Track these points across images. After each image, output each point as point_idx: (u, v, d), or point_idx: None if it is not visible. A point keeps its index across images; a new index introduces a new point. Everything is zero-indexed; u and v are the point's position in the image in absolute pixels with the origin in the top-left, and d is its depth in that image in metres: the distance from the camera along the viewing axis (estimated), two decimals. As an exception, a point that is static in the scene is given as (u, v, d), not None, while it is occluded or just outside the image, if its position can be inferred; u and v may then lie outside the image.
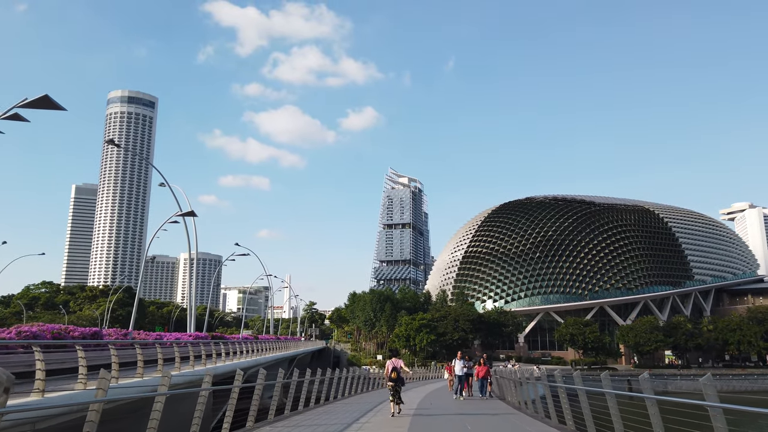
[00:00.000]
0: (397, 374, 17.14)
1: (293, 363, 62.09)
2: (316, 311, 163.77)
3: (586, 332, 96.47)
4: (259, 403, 14.66)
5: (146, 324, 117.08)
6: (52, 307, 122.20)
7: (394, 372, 17.15)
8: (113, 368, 13.73)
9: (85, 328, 19.86)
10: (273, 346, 45.34)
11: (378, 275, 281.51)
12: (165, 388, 10.79)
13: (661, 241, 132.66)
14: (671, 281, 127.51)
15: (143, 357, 15.83)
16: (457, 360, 25.42)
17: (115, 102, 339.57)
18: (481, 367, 25.19)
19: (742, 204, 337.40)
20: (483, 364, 25.33)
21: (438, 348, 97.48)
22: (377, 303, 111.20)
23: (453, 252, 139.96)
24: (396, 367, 17.37)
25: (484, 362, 25.57)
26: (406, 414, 17.54)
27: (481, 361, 25.52)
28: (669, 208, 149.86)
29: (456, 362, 25.39)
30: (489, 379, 25.98)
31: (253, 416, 13.59)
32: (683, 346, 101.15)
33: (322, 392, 23.52)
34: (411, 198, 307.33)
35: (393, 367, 17.35)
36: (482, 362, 25.40)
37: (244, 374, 14.46)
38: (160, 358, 17.08)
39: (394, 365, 17.44)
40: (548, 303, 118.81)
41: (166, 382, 10.92)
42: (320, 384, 22.77)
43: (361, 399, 26.05)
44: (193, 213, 29.45)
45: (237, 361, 28.60)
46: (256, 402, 13.22)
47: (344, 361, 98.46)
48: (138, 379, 15.13)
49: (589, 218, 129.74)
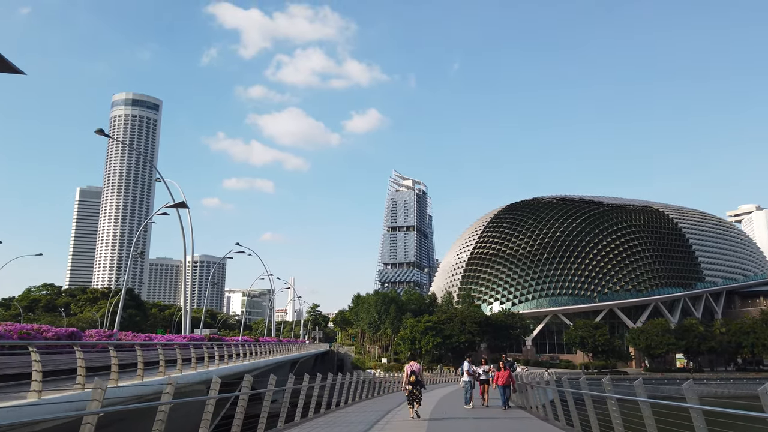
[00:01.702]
0: (416, 378, 17.38)
1: (295, 367, 60.25)
2: (319, 313, 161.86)
3: (596, 335, 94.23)
4: (247, 412, 12.77)
5: (148, 326, 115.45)
6: (52, 309, 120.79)
7: (413, 375, 17.39)
8: (79, 373, 11.90)
9: (61, 329, 18.02)
10: (273, 348, 43.47)
11: (382, 278, 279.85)
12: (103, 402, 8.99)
13: (670, 242, 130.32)
14: (682, 283, 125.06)
15: (118, 361, 13.95)
16: (469, 364, 22.53)
17: (119, 105, 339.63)
18: (502, 372, 21.46)
19: (749, 206, 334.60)
20: (503, 368, 21.49)
21: (444, 351, 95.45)
22: (382, 305, 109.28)
23: (459, 253, 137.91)
24: (415, 370, 17.59)
25: (505, 366, 21.60)
26: (421, 419, 17.74)
27: (501, 365, 21.59)
28: (678, 208, 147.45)
29: (465, 366, 22.44)
30: (512, 386, 22.44)
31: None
32: (695, 350, 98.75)
33: (323, 398, 21.62)
34: (415, 200, 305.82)
35: (412, 370, 17.59)
36: (502, 366, 21.51)
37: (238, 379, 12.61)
38: (140, 362, 15.20)
39: (413, 369, 17.65)
40: (556, 305, 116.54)
41: (129, 393, 9.13)
42: (320, 389, 20.81)
43: (367, 407, 24.07)
44: (185, 204, 27.76)
45: (232, 365, 26.68)
46: (240, 415, 11.32)
47: (348, 365, 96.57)
48: (112, 387, 13.28)
49: (597, 219, 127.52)
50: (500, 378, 21.50)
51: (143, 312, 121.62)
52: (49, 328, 17.57)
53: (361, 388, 27.53)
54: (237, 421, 12.33)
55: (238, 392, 13.58)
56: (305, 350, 65.98)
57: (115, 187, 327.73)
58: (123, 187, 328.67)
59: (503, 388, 21.69)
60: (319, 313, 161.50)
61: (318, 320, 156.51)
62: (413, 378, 17.24)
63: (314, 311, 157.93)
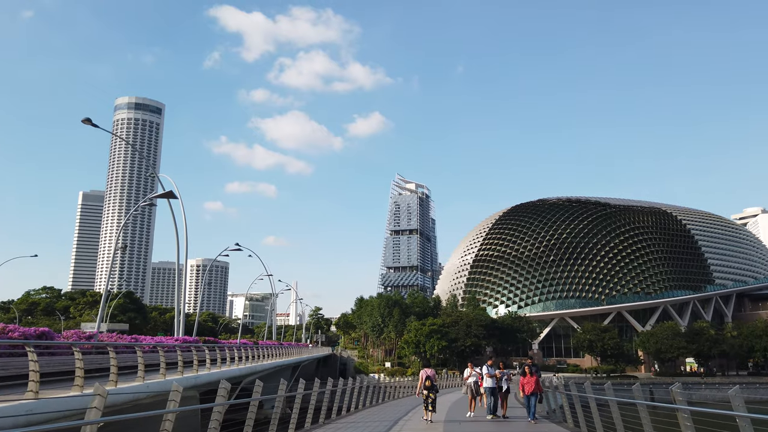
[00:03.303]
0: (431, 383, 18.50)
1: (297, 371, 58.39)
2: (321, 317, 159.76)
3: (605, 338, 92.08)
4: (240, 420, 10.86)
5: (148, 330, 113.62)
6: (52, 312, 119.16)
7: (428, 380, 18.52)
8: (32, 379, 10.08)
9: (30, 329, 16.26)
10: (272, 352, 41.61)
11: (385, 282, 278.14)
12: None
13: (679, 244, 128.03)
14: (691, 285, 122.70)
15: (83, 365, 12.10)
16: (487, 367, 19.62)
17: (122, 108, 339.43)
18: (528, 378, 17.96)
19: (755, 209, 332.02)
20: (530, 373, 17.91)
21: (449, 355, 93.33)
22: (385, 308, 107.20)
23: (463, 255, 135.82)
24: (430, 375, 18.78)
25: (531, 371, 17.97)
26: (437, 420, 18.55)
27: (526, 370, 18.06)
28: (686, 210, 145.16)
29: (484, 369, 19.67)
30: (539, 396, 18.69)
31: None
32: (707, 354, 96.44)
33: (322, 404, 19.70)
34: (418, 204, 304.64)
35: (427, 375, 18.82)
36: (527, 371, 17.97)
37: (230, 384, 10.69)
38: (113, 365, 13.35)
39: (427, 374, 18.94)
40: (563, 308, 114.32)
41: (98, 404, 7.29)
42: (319, 395, 18.89)
43: (372, 415, 22.13)
44: (173, 194, 26.13)
45: (226, 369, 24.78)
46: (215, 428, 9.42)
47: (351, 369, 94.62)
48: (75, 395, 11.45)
49: (604, 220, 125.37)
50: (527, 385, 18.00)
51: (143, 315, 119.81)
52: (16, 328, 15.83)
53: (365, 395, 25.55)
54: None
55: (212, 404, 11.51)
56: (306, 354, 64.03)
57: (118, 191, 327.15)
58: (126, 190, 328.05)
59: (530, 397, 18.03)
60: (321, 317, 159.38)
61: (320, 324, 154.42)
62: (428, 383, 18.40)
63: (316, 314, 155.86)
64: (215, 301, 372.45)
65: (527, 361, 19.95)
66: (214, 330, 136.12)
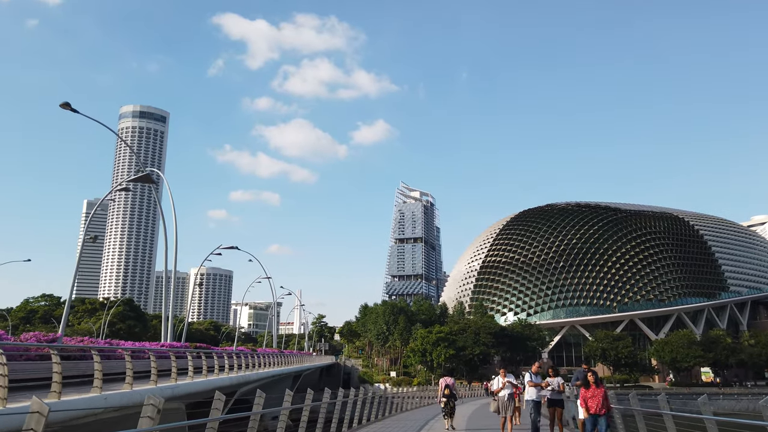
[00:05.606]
0: (450, 391, 19.23)
1: (298, 381, 55.76)
2: (325, 325, 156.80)
3: (618, 347, 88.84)
4: None
5: (148, 338, 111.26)
6: (50, 320, 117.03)
7: (447, 389, 19.29)
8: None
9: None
10: (271, 360, 38.96)
11: (390, 290, 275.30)
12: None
13: (692, 250, 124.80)
14: (705, 293, 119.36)
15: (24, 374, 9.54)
16: (532, 374, 15.46)
17: (126, 117, 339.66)
18: (594, 391, 12.83)
19: (762, 217, 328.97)
20: (595, 384, 12.93)
21: (456, 364, 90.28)
22: (390, 315, 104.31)
23: (470, 262, 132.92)
24: (449, 384, 19.58)
25: (595, 383, 12.95)
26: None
27: (590, 379, 12.91)
28: (698, 215, 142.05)
29: (527, 377, 15.54)
30: (609, 418, 13.17)
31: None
32: (724, 363, 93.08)
33: (321, 416, 17.02)
34: (423, 212, 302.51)
35: (446, 384, 19.60)
36: (592, 381, 12.91)
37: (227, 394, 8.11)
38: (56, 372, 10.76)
39: (447, 383, 19.69)
40: (574, 315, 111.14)
41: None
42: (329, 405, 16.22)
43: (387, 428, 19.51)
44: (150, 179, 23.78)
45: (213, 378, 22.13)
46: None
47: (355, 378, 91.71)
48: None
49: (615, 225, 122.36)
50: (591, 400, 12.74)
51: (143, 323, 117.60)
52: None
53: (370, 407, 22.80)
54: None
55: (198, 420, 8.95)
56: (308, 362, 61.27)
57: (122, 200, 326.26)
58: (129, 199, 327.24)
59: (597, 417, 12.68)
60: (324, 324, 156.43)
61: (324, 332, 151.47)
62: (447, 391, 19.18)
63: (320, 322, 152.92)
64: (219, 310, 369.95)
65: (584, 367, 14.71)
66: (216, 338, 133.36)
